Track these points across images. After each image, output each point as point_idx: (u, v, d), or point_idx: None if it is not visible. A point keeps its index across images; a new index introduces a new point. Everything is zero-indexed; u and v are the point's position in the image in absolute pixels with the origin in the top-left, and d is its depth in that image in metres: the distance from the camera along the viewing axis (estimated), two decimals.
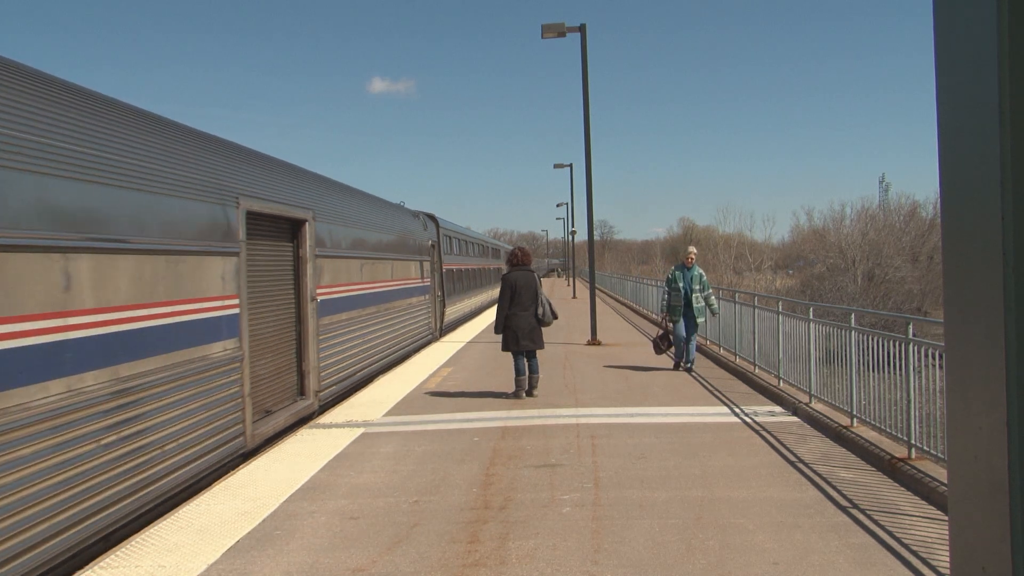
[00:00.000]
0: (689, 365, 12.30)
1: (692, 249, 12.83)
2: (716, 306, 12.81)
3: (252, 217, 8.18)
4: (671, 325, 12.48)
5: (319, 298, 10.16)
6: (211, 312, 7.09)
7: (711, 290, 12.61)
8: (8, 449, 4.43)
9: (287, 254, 9.54)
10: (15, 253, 4.63)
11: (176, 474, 6.36)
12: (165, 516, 5.79)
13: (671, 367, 12.57)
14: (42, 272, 4.88)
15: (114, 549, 5.14)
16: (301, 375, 9.78)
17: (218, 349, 7.19)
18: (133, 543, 5.20)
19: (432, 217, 20.73)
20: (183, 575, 4.66)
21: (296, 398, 9.65)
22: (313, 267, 9.95)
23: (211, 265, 7.15)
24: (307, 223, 9.79)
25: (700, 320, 12.39)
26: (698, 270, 12.42)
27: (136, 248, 5.94)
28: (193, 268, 6.81)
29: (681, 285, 12.35)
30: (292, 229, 9.66)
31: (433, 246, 19.45)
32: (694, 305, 12.26)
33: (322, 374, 10.23)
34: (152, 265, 6.17)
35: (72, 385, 5.10)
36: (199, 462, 6.75)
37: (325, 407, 10.32)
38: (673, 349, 12.55)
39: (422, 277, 17.47)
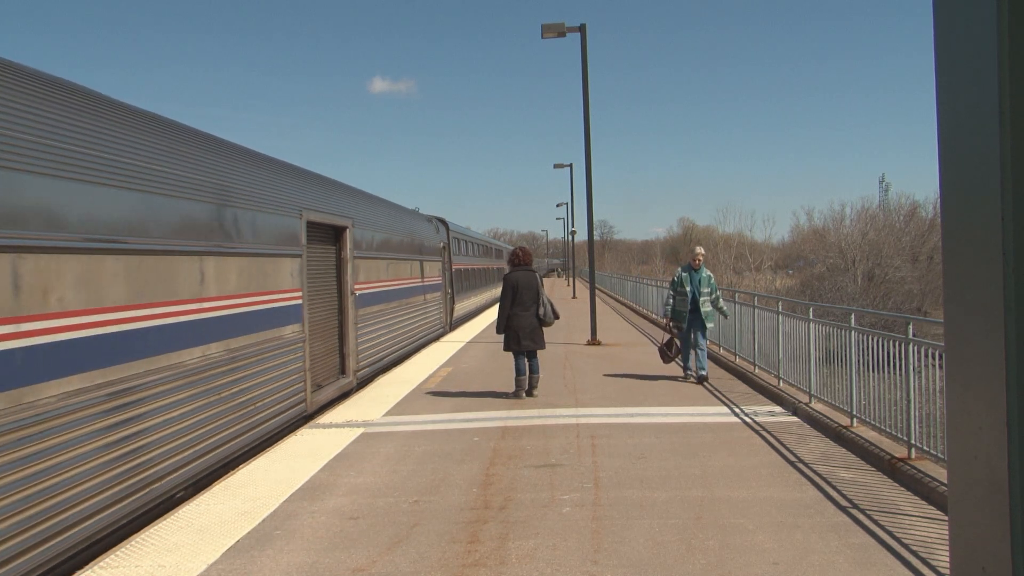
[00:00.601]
0: (703, 374, 11.16)
1: (700, 250, 11.88)
2: (726, 308, 11.66)
3: (310, 226, 9.99)
4: (676, 332, 11.55)
5: (356, 292, 11.89)
6: (284, 302, 8.93)
7: (719, 292, 11.55)
8: (178, 392, 6.47)
9: (332, 255, 11.27)
10: (176, 256, 6.58)
11: (264, 425, 8.26)
12: (165, 516, 5.79)
13: (680, 376, 11.62)
14: (188, 270, 6.78)
15: (114, 549, 5.14)
16: (342, 357, 11.48)
17: (288, 331, 9.01)
18: (133, 543, 5.20)
19: (443, 221, 22.28)
20: (183, 575, 4.66)
21: (339, 376, 11.31)
22: (352, 266, 11.71)
23: (284, 265, 8.97)
24: (348, 229, 11.59)
25: (710, 325, 11.42)
26: (706, 272, 11.44)
27: (241, 252, 7.83)
28: (272, 267, 8.65)
29: (688, 289, 11.31)
30: (335, 235, 11.39)
31: (444, 247, 21.07)
32: (702, 310, 11.25)
33: (359, 357, 11.97)
34: (249, 265, 8.00)
35: (205, 352, 7.00)
36: (278, 419, 8.60)
37: (361, 385, 11.93)
38: (680, 356, 11.68)
39: (435, 276, 19.26)
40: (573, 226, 48.16)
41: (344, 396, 10.96)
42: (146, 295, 6.07)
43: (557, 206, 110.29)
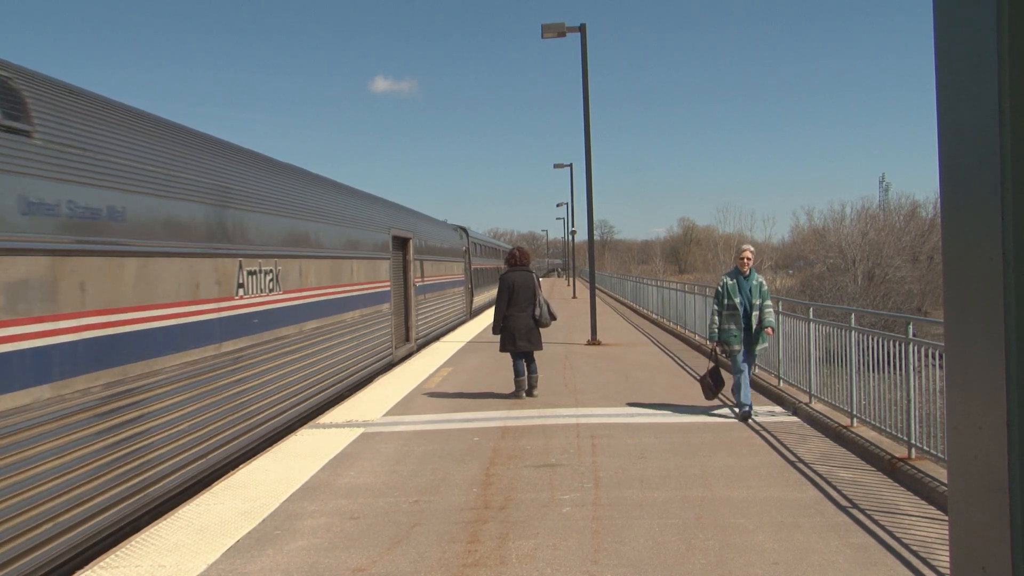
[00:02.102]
0: (747, 409, 8.67)
1: (748, 249, 9.14)
2: (772, 319, 8.96)
3: (393, 239, 14.90)
4: (724, 356, 9.14)
5: (416, 284, 16.88)
6: (382, 288, 13.82)
7: (770, 302, 9.02)
8: (338, 337, 10.80)
9: (400, 258, 16.00)
10: (340, 259, 11.14)
11: (378, 364, 13.26)
12: (165, 516, 5.79)
13: (725, 413, 8.88)
14: (346, 267, 11.51)
15: (114, 549, 5.14)
16: (407, 329, 16.28)
17: (384, 307, 13.85)
18: (133, 543, 5.20)
19: (464, 229, 27.67)
20: (183, 575, 4.66)
21: (406, 342, 16.09)
22: (413, 266, 16.73)
23: (381, 264, 13.84)
24: (411, 239, 16.62)
25: (764, 346, 9.01)
26: (758, 278, 8.93)
27: (365, 256, 12.67)
28: (376, 266, 13.44)
29: (738, 300, 8.77)
30: (403, 243, 16.14)
31: (466, 251, 26.34)
32: (755, 327, 8.77)
33: (418, 330, 17.00)
34: (368, 264, 12.83)
35: (353, 316, 11.67)
36: (381, 362, 13.55)
37: (420, 348, 16.96)
38: (732, 389, 9.02)
39: (460, 274, 24.53)
40: (573, 226, 48.25)
41: (408, 356, 15.80)
42: (336, 280, 10.95)
43: (557, 206, 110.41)
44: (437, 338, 18.99)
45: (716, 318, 8.93)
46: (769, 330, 8.87)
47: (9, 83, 4.96)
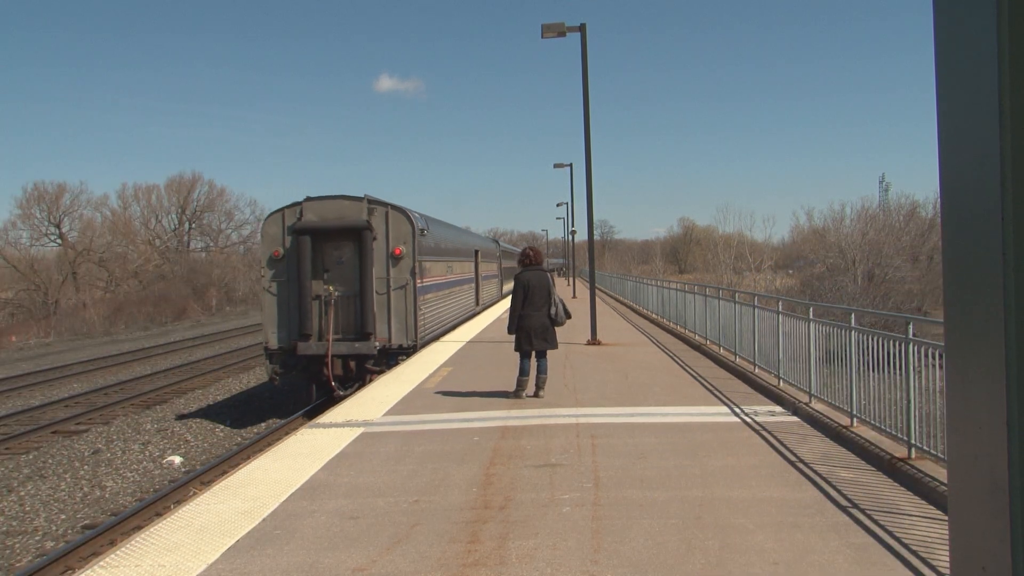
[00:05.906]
0: None
1: None
2: None
3: (474, 251, 28.44)
4: None
5: (481, 276, 29.23)
6: (471, 275, 26.88)
7: None
8: (461, 296, 24.77)
9: (473, 260, 27.14)
10: (462, 262, 24.70)
11: (470, 312, 26.15)
12: (164, 516, 5.79)
13: None
14: (464, 265, 25.08)
15: (114, 548, 5.14)
16: (477, 298, 27.89)
17: (471, 286, 26.91)
18: (133, 542, 5.21)
19: (496, 240, 42.91)
20: (183, 574, 4.66)
21: (477, 305, 27.47)
22: (480, 266, 28.85)
23: (471, 264, 26.97)
24: (479, 251, 29.36)
25: None
26: None
27: (464, 260, 25.11)
28: (469, 265, 26.51)
29: None
30: (475, 252, 27.88)
31: (499, 255, 38.95)
32: None
33: (481, 300, 29.07)
34: (466, 264, 25.57)
35: (464, 287, 24.71)
36: (471, 312, 26.40)
37: (483, 310, 29.10)
38: None
39: (495, 270, 37.08)
40: (573, 226, 48.20)
41: (478, 313, 27.73)
42: (460, 273, 23.53)
43: (557, 206, 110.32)
44: (489, 306, 31.39)
45: None
46: None
47: (426, 217, 18.72)
